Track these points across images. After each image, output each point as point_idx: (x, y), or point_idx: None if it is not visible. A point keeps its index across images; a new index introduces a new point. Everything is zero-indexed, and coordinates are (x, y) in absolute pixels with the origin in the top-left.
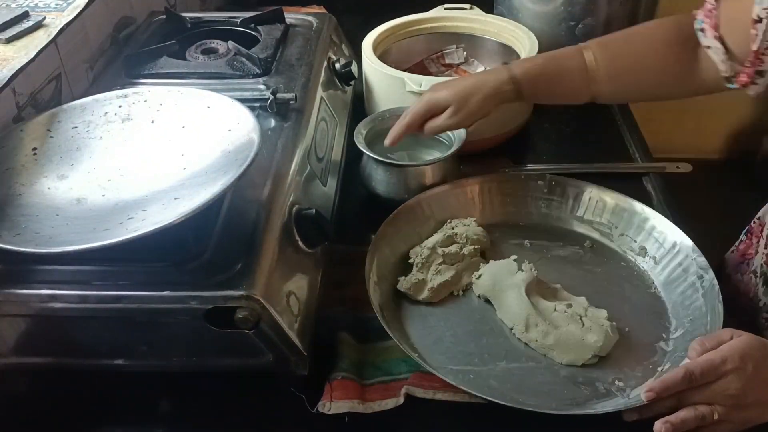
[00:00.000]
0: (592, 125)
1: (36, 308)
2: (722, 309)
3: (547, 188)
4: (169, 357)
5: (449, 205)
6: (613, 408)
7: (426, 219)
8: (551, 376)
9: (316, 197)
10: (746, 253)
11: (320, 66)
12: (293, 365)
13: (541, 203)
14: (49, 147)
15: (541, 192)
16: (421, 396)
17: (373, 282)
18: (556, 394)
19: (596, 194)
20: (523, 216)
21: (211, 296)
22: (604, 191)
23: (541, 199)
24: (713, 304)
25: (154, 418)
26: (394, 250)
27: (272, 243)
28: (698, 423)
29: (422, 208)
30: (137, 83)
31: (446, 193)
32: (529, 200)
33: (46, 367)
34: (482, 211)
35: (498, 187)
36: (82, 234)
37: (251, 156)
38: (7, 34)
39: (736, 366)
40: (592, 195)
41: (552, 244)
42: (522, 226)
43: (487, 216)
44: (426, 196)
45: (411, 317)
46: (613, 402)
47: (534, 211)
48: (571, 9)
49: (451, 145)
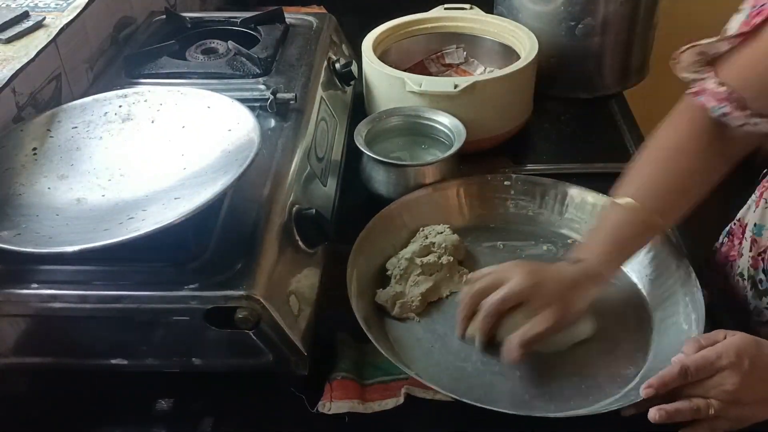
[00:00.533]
0: (592, 125)
1: (36, 308)
2: (701, 296)
3: (513, 189)
4: (169, 357)
5: (421, 212)
6: (608, 407)
7: (399, 228)
8: (545, 379)
9: (316, 197)
10: (729, 255)
11: (320, 66)
12: (293, 365)
13: (510, 204)
14: (49, 147)
15: (508, 193)
16: (421, 396)
17: (355, 297)
18: (551, 396)
19: (577, 193)
20: (494, 218)
21: (211, 296)
22: (582, 190)
23: (510, 200)
24: (692, 292)
25: (154, 418)
26: (371, 262)
27: (272, 243)
28: (693, 415)
29: (395, 217)
30: (137, 83)
31: (417, 200)
32: (497, 202)
33: (46, 367)
34: (455, 215)
35: (468, 190)
36: (82, 234)
37: (251, 156)
38: (7, 34)
39: (731, 362)
40: (559, 193)
41: (525, 243)
42: (493, 228)
43: (458, 220)
44: (398, 204)
45: (397, 330)
46: (610, 400)
47: (503, 212)
48: (571, 9)
49: (450, 145)
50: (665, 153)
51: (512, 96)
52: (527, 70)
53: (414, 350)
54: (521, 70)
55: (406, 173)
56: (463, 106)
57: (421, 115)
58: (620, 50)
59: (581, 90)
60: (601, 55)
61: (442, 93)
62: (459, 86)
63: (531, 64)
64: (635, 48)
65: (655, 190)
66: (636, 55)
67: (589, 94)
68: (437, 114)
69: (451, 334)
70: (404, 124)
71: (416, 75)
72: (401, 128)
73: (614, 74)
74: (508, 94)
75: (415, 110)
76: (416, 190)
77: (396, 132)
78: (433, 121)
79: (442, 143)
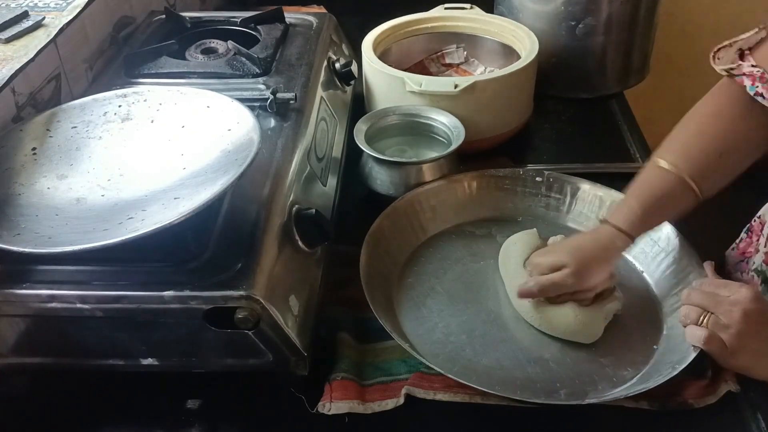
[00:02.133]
0: (592, 125)
1: (36, 308)
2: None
3: (545, 185)
4: (169, 357)
5: (442, 200)
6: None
7: (424, 212)
8: (547, 364)
9: (316, 197)
10: (746, 251)
11: (320, 66)
12: (293, 365)
13: (541, 200)
14: (48, 147)
15: (538, 188)
16: (421, 396)
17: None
18: (553, 384)
19: (590, 190)
20: (520, 211)
21: (211, 296)
22: (598, 187)
23: (538, 196)
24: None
25: (154, 418)
26: (389, 244)
27: (272, 243)
28: (693, 315)
29: (420, 203)
30: (137, 83)
31: (440, 188)
32: (525, 197)
33: (45, 367)
34: (475, 205)
35: (491, 182)
36: (81, 234)
37: (251, 156)
38: (7, 33)
39: (744, 296)
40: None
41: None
42: (519, 222)
43: (476, 212)
44: (420, 192)
45: (405, 307)
46: (617, 390)
47: (527, 208)
48: (571, 9)
49: (450, 143)
50: (701, 118)
51: (512, 96)
52: (528, 69)
53: (417, 329)
54: (521, 69)
55: (405, 171)
56: (463, 106)
57: (420, 114)
58: (620, 50)
59: (581, 90)
60: (601, 55)
61: (443, 93)
62: (459, 86)
63: (531, 64)
64: (635, 48)
65: (689, 152)
66: (636, 55)
67: (589, 94)
68: (436, 112)
69: (459, 315)
70: (403, 122)
71: (416, 75)
72: (400, 126)
73: (614, 74)
74: (508, 94)
75: (414, 109)
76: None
77: (395, 130)
78: (432, 119)
79: (441, 142)
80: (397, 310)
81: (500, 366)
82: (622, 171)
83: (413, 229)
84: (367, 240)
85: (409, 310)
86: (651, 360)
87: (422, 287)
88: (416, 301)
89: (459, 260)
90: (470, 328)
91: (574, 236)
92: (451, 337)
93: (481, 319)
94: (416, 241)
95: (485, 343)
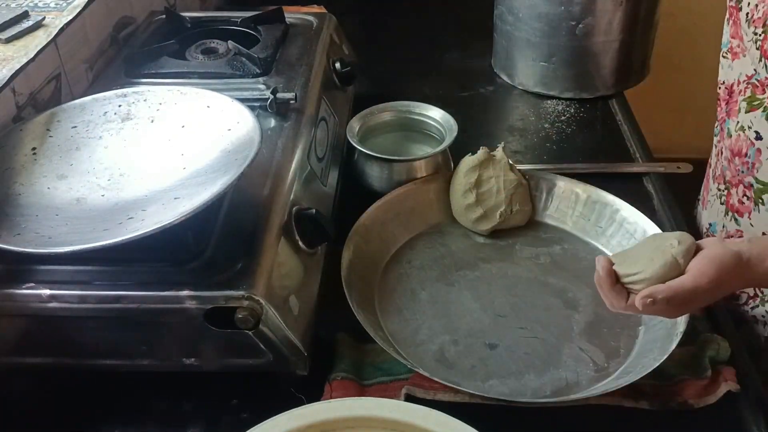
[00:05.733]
0: (593, 125)
1: (36, 308)
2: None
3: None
4: (169, 357)
5: (420, 200)
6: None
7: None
8: (533, 359)
9: (316, 197)
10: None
11: (320, 66)
12: (293, 365)
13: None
14: (48, 147)
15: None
16: (421, 396)
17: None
18: (539, 378)
19: (568, 187)
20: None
21: (211, 296)
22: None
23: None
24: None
25: (153, 418)
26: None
27: (272, 243)
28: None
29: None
30: (137, 83)
31: (408, 192)
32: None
33: (46, 367)
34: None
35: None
36: (81, 234)
37: (251, 156)
38: (7, 33)
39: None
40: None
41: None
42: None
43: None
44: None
45: (388, 311)
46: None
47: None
48: (571, 9)
49: (442, 140)
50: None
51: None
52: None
53: (402, 332)
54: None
55: (398, 168)
56: None
57: (412, 110)
58: (620, 50)
59: (581, 90)
60: (601, 55)
61: None
62: None
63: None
64: (635, 48)
65: None
66: (636, 55)
67: (590, 94)
68: (429, 109)
69: (440, 317)
70: (396, 119)
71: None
72: (393, 124)
73: (614, 74)
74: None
75: (407, 105)
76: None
77: (388, 127)
78: (424, 116)
79: (433, 138)
80: (380, 312)
81: (485, 365)
82: (621, 171)
83: (392, 232)
84: (347, 243)
85: (391, 313)
86: (633, 351)
87: (403, 288)
88: (398, 304)
89: (439, 259)
90: (453, 328)
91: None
92: (435, 338)
93: (465, 321)
94: (396, 243)
95: (468, 344)
